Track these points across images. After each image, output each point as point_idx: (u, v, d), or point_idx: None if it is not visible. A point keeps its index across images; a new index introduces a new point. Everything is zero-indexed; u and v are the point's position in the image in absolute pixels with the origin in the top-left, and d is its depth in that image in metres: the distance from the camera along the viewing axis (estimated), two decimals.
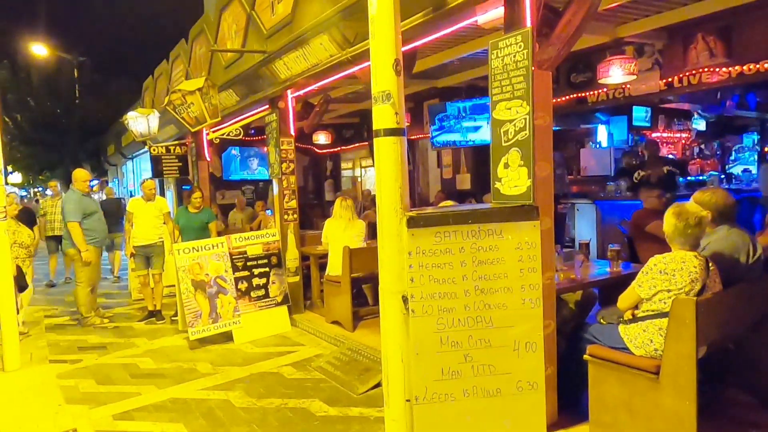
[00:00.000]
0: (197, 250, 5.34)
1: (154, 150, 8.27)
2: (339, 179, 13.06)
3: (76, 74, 22.25)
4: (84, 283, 6.07)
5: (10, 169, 24.45)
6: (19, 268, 5.52)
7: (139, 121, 7.74)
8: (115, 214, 8.78)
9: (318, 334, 5.31)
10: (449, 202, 4.61)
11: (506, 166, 2.91)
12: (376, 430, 3.27)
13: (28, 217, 7.89)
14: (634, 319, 2.71)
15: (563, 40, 2.89)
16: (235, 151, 11.72)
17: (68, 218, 5.86)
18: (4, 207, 4.84)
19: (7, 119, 21.55)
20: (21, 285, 5.61)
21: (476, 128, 7.84)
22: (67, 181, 23.72)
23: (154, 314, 6.33)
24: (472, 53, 5.76)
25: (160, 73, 10.01)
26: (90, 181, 6.40)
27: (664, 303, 2.54)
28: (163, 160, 8.40)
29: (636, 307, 2.73)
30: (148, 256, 6.24)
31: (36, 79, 21.54)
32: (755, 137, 11.09)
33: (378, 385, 3.76)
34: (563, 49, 2.94)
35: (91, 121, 20.84)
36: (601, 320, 3.01)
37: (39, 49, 20.94)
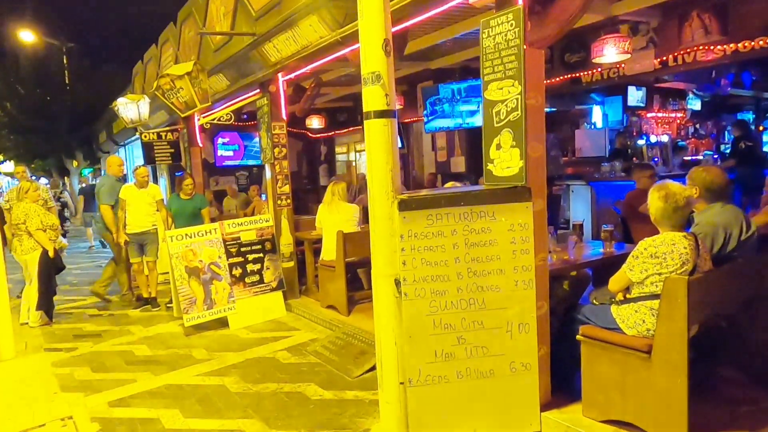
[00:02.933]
0: (190, 237, 5.31)
1: (145, 137, 8.16)
2: (333, 164, 12.99)
3: (65, 61, 21.91)
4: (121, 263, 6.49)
5: (1, 158, 24.23)
6: (56, 250, 5.81)
7: (129, 108, 7.62)
8: (92, 197, 10.37)
9: (313, 318, 5.32)
10: (458, 184, 4.60)
11: (498, 147, 2.88)
12: (371, 412, 3.29)
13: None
14: (626, 300, 2.71)
15: (560, 23, 2.83)
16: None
17: (102, 201, 6.27)
18: None
19: None
20: (59, 266, 5.93)
21: (472, 112, 7.76)
22: (59, 170, 23.55)
23: (149, 301, 6.33)
24: (465, 33, 5.67)
25: (149, 57, 9.86)
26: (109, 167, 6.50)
27: (656, 286, 2.54)
28: (155, 147, 8.29)
29: (627, 288, 2.73)
30: (142, 243, 6.21)
31: (24, 66, 21.19)
32: (750, 116, 11.06)
33: (373, 368, 3.77)
34: (560, 31, 2.88)
35: (81, 108, 20.56)
36: (594, 301, 3.02)
37: (26, 36, 20.58)
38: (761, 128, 10.96)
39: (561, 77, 6.99)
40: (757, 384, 2.98)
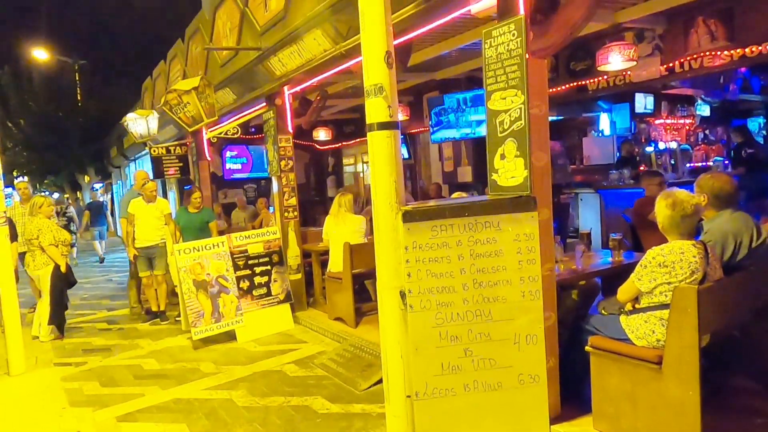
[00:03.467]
0: (198, 250, 5.33)
1: (154, 151, 8.26)
2: (341, 175, 13.02)
3: (77, 77, 22.33)
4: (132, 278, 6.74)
5: (15, 173, 24.62)
6: (68, 265, 5.90)
7: (139, 123, 7.72)
8: (98, 212, 12.42)
9: (321, 331, 5.30)
10: (464, 195, 4.59)
11: (502, 157, 2.87)
12: (378, 426, 3.25)
13: (11, 228, 5.73)
14: (635, 310, 2.66)
15: (562, 33, 2.82)
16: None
17: (121, 214, 6.77)
18: (4, 212, 4.87)
19: (10, 124, 21.68)
20: (71, 281, 6.03)
21: (480, 122, 7.72)
22: (71, 185, 23.84)
23: (158, 315, 6.35)
24: (469, 44, 5.69)
25: (158, 73, 10.01)
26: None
27: (665, 296, 2.50)
28: (164, 161, 8.38)
29: (636, 299, 2.69)
30: (151, 257, 6.24)
31: (37, 83, 21.61)
32: (761, 121, 10.95)
33: (381, 381, 3.71)
34: (562, 41, 2.87)
35: (93, 123, 20.91)
36: (603, 311, 2.97)
37: (39, 54, 21.02)
38: None
39: (567, 85, 6.97)
40: None
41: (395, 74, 2.74)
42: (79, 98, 22.38)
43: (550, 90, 2.97)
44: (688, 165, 9.50)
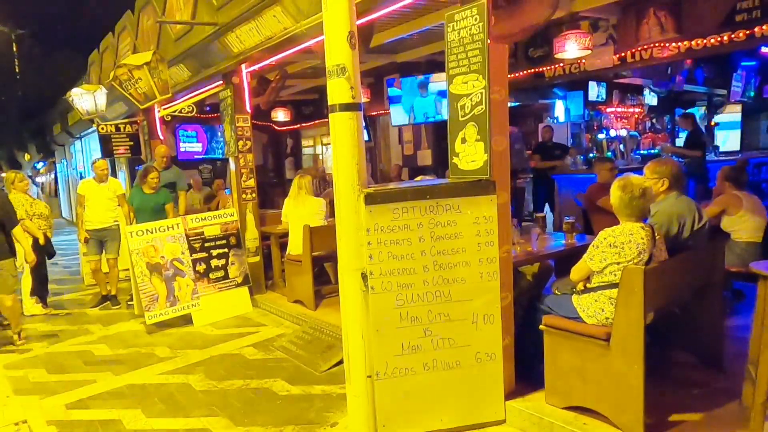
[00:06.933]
0: (151, 232, 5.16)
1: (102, 129, 7.89)
2: (299, 157, 12.84)
3: (14, 48, 20.89)
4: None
5: None
6: (46, 236, 5.78)
7: (85, 98, 7.33)
8: None
9: (280, 313, 5.27)
10: (428, 178, 4.61)
11: (463, 140, 2.91)
12: (339, 406, 3.28)
13: None
14: (586, 290, 2.79)
15: (525, 22, 2.86)
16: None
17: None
18: None
19: None
20: (50, 252, 5.96)
21: (436, 107, 7.73)
22: (10, 163, 22.44)
23: (108, 299, 6.13)
24: (431, 27, 5.68)
25: (106, 46, 9.48)
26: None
27: (614, 275, 2.62)
28: (113, 139, 8.03)
29: (588, 278, 2.81)
30: (102, 240, 6.00)
31: None
32: (696, 111, 11.53)
33: (340, 362, 3.76)
34: (523, 29, 2.91)
35: (33, 98, 19.67)
36: (556, 291, 3.09)
37: None
38: (713, 123, 11.45)
39: (525, 72, 7.10)
40: (708, 367, 3.13)
41: (358, 55, 2.72)
42: (17, 70, 20.97)
43: (509, 76, 3.01)
44: (635, 151, 9.93)
